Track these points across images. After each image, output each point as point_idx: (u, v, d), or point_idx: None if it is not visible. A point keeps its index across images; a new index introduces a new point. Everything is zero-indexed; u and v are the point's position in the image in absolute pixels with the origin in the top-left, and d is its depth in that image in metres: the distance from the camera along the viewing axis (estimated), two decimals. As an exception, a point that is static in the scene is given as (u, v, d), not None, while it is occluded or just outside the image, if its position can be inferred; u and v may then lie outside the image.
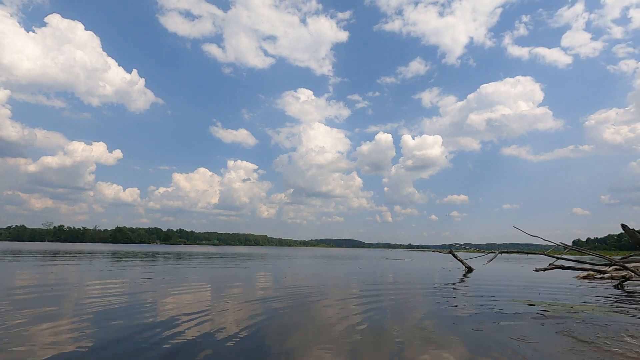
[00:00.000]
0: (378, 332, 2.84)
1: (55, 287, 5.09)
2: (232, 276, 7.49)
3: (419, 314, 3.66)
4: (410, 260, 18.89)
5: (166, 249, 36.44)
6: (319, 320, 3.22)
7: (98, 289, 4.92)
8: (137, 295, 4.50)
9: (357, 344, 2.49)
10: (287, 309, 3.71)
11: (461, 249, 17.63)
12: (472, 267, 10.87)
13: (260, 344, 2.43)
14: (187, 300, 4.19)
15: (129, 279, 6.41)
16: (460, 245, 16.34)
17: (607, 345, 2.61)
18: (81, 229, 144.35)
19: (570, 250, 9.42)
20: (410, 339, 2.62)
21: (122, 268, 9.06)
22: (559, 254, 9.20)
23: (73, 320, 3.01)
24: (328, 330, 2.85)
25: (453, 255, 11.92)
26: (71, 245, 49.30)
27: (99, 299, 4.13)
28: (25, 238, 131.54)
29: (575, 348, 2.51)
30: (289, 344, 2.45)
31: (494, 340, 2.65)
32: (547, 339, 2.72)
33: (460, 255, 12.45)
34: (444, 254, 25.67)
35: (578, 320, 3.42)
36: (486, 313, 3.73)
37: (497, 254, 10.48)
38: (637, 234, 5.72)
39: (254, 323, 3.04)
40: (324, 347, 2.38)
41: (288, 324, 3.07)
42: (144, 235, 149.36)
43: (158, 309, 3.57)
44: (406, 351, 2.33)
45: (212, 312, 3.51)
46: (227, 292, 5.02)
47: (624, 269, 7.88)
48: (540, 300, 4.76)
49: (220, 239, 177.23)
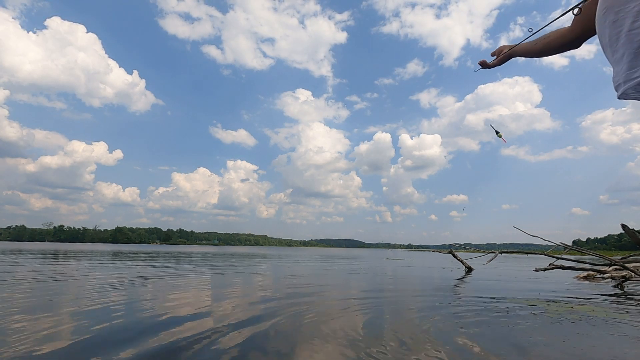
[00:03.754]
0: (378, 331, 2.84)
1: (56, 286, 5.09)
2: (232, 276, 7.50)
3: (419, 313, 3.66)
4: (411, 260, 18.89)
5: (166, 249, 36.43)
6: (319, 320, 3.22)
7: (98, 289, 4.92)
8: (137, 295, 4.50)
9: (358, 343, 2.49)
10: (287, 309, 3.71)
11: (461, 249, 17.63)
12: (472, 267, 10.87)
13: (260, 344, 2.43)
14: (187, 300, 4.20)
15: (129, 278, 6.41)
16: (460, 245, 16.36)
17: (606, 345, 2.61)
18: (81, 229, 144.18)
19: (570, 250, 9.42)
20: (410, 339, 2.62)
21: (122, 268, 9.06)
22: (559, 254, 9.20)
23: (73, 319, 3.01)
24: (328, 330, 2.85)
25: (453, 255, 11.92)
26: (71, 245, 49.28)
27: (99, 298, 4.14)
28: (25, 238, 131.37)
29: (575, 348, 2.51)
30: (289, 344, 2.45)
31: (494, 340, 2.65)
32: (547, 338, 2.72)
33: (460, 255, 12.45)
34: (443, 254, 25.65)
35: (578, 320, 3.42)
36: (486, 313, 3.73)
37: (497, 254, 10.48)
38: (637, 234, 5.73)
39: (253, 323, 3.04)
40: (324, 347, 2.38)
41: (288, 323, 3.06)
42: (144, 235, 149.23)
43: (158, 309, 3.57)
44: (406, 351, 2.33)
45: (212, 311, 3.51)
46: (227, 291, 5.03)
47: (624, 269, 7.88)
48: (540, 300, 4.76)
49: (220, 239, 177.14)
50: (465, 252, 27.06)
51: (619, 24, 0.91)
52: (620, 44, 0.92)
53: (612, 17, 0.92)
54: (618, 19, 0.91)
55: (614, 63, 0.97)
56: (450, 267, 12.40)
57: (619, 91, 0.97)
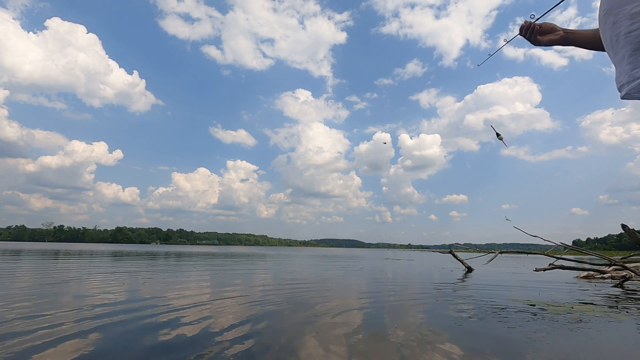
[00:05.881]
0: (378, 331, 2.84)
1: (55, 286, 5.09)
2: (232, 276, 7.50)
3: (419, 313, 3.66)
4: (411, 260, 18.90)
5: (166, 249, 36.43)
6: (319, 320, 3.22)
7: (98, 289, 4.92)
8: (137, 294, 4.51)
9: (358, 343, 2.49)
10: (287, 309, 3.72)
11: (461, 249, 17.64)
12: (472, 267, 10.87)
13: (260, 344, 2.44)
14: (187, 299, 4.20)
15: (129, 278, 6.41)
16: (460, 245, 16.37)
17: (607, 345, 2.61)
18: (81, 229, 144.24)
19: (570, 250, 9.43)
20: (410, 339, 2.62)
21: (122, 268, 9.06)
22: (559, 254, 9.21)
23: (73, 319, 3.01)
24: (328, 330, 2.85)
25: (453, 255, 11.92)
26: (71, 245, 49.28)
27: (99, 298, 4.14)
28: (25, 238, 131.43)
29: (575, 348, 2.52)
30: (289, 344, 2.45)
31: (494, 340, 2.65)
32: (547, 338, 2.72)
33: (460, 255, 12.45)
34: (443, 254, 25.68)
35: (578, 320, 3.42)
36: (486, 313, 3.74)
37: (497, 254, 10.49)
38: (637, 234, 5.73)
39: (253, 323, 3.04)
40: (324, 347, 2.38)
41: (288, 323, 3.07)
42: (144, 235, 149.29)
43: (158, 309, 3.58)
44: (406, 351, 2.33)
45: (212, 311, 3.51)
46: (227, 291, 5.03)
47: (624, 269, 7.89)
48: (540, 300, 4.76)
49: (220, 239, 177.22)
50: (465, 252, 27.08)
51: (618, 25, 0.93)
52: (620, 45, 0.94)
53: (611, 19, 0.95)
54: (617, 20, 0.93)
55: (616, 64, 0.99)
56: (450, 267, 12.40)
57: (623, 91, 0.98)
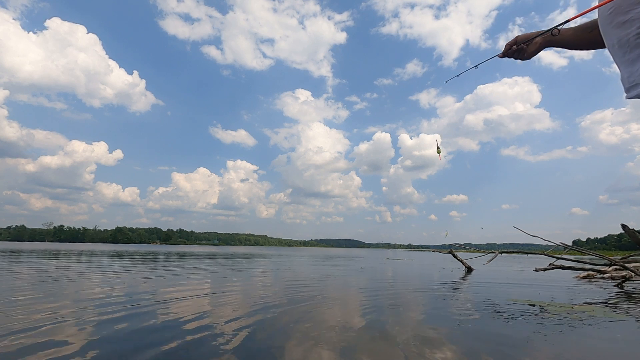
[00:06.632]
0: (378, 331, 2.84)
1: (56, 286, 5.09)
2: (232, 276, 7.50)
3: (419, 313, 3.66)
4: (411, 260, 18.89)
5: (166, 249, 36.43)
6: (319, 320, 3.22)
7: (98, 288, 4.92)
8: (137, 294, 4.50)
9: (358, 343, 2.49)
10: (287, 309, 3.72)
11: (461, 249, 17.63)
12: (472, 267, 10.87)
13: (260, 344, 2.43)
14: (187, 299, 4.20)
15: (129, 278, 6.41)
16: (460, 245, 16.33)
17: (607, 345, 2.61)
18: (81, 229, 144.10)
19: (570, 250, 9.42)
20: (410, 339, 2.62)
21: (123, 268, 9.06)
22: (559, 254, 9.21)
23: (73, 319, 3.02)
24: (328, 330, 2.85)
25: (453, 255, 11.92)
26: (71, 245, 49.28)
27: (99, 298, 4.14)
28: (25, 238, 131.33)
29: (575, 348, 2.52)
30: (289, 344, 2.45)
31: (494, 340, 2.65)
32: (546, 339, 2.72)
33: (460, 255, 12.45)
34: (443, 254, 25.68)
35: (578, 320, 3.42)
36: (486, 313, 3.74)
37: (497, 254, 10.48)
38: (637, 234, 5.73)
39: (253, 323, 3.04)
40: (325, 347, 2.38)
41: (288, 324, 3.07)
42: (144, 235, 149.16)
43: (158, 308, 3.58)
44: (407, 351, 2.33)
45: (212, 311, 3.51)
46: (227, 291, 5.03)
47: (624, 269, 7.89)
48: (540, 300, 4.76)
49: (220, 239, 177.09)
50: (465, 252, 27.05)
51: (629, 24, 0.89)
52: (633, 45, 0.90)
53: (621, 18, 0.91)
54: (628, 19, 0.89)
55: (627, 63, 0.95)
56: (450, 267, 12.40)
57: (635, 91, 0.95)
